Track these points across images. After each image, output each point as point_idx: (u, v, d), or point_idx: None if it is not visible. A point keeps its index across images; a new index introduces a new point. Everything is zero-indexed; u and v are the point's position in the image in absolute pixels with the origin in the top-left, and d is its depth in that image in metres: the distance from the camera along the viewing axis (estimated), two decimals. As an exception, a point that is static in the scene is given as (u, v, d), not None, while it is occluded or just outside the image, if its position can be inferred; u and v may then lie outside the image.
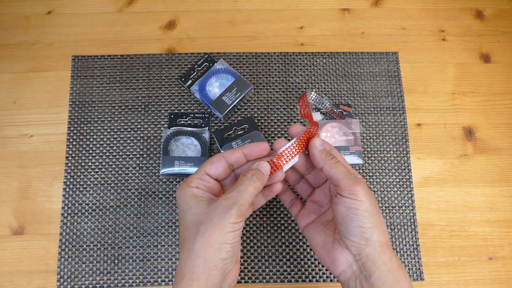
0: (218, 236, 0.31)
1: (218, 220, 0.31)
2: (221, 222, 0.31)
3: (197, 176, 0.35)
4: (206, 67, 0.53)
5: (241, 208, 0.32)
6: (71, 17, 0.56)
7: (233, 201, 0.32)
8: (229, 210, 0.31)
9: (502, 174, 0.51)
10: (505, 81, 0.54)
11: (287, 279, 0.47)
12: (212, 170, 0.35)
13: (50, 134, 0.51)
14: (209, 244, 0.31)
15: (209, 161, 0.35)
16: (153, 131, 0.51)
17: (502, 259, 0.48)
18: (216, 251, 0.31)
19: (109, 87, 0.53)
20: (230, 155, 0.36)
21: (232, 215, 0.31)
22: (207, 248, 0.31)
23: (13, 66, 0.53)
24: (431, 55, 0.55)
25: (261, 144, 0.36)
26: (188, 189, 0.34)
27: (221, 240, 0.31)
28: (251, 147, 0.36)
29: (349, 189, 0.33)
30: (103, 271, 0.46)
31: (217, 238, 0.31)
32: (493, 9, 0.58)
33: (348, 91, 0.53)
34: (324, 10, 0.57)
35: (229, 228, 0.31)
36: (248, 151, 0.36)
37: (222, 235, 0.31)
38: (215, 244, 0.31)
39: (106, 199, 0.49)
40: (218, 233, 0.31)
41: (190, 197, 0.34)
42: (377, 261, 0.32)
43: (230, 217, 0.31)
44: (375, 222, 0.33)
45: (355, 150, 0.48)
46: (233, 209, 0.31)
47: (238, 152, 0.36)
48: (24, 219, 0.48)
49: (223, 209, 0.32)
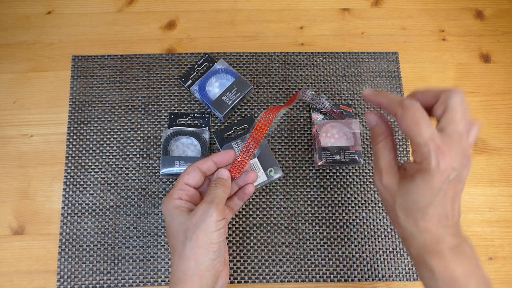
0: (204, 236, 0.34)
1: (201, 221, 0.34)
2: (204, 223, 0.34)
3: (178, 187, 0.38)
4: (206, 67, 0.53)
5: (218, 206, 0.35)
6: (71, 17, 0.56)
7: (209, 202, 0.35)
8: (208, 210, 0.35)
9: (502, 174, 0.51)
10: (505, 81, 0.54)
11: (287, 279, 0.47)
12: (190, 180, 0.38)
13: (50, 134, 0.51)
14: (197, 245, 0.34)
15: (185, 173, 0.39)
16: (153, 131, 0.51)
17: (502, 259, 0.48)
18: (205, 252, 0.34)
19: (109, 87, 0.53)
20: (202, 164, 0.39)
21: (213, 214, 0.34)
22: (196, 250, 0.34)
23: (13, 66, 0.53)
24: (431, 55, 0.55)
25: (228, 152, 0.40)
26: (171, 201, 0.37)
27: (208, 240, 0.34)
28: (219, 155, 0.40)
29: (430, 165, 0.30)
30: (103, 271, 0.46)
31: (204, 238, 0.34)
32: (493, 9, 0.58)
33: (348, 91, 0.53)
34: (324, 10, 0.57)
35: (213, 227, 0.34)
36: (217, 159, 0.40)
37: (208, 235, 0.34)
38: (203, 245, 0.34)
39: (106, 199, 0.49)
40: (204, 233, 0.34)
41: (173, 208, 0.36)
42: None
43: (211, 216, 0.34)
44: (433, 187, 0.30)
45: (355, 150, 0.48)
46: (211, 208, 0.35)
47: (209, 161, 0.39)
48: (24, 219, 0.48)
49: (203, 211, 0.35)
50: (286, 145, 0.51)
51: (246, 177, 0.41)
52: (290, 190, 0.49)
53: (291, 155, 0.51)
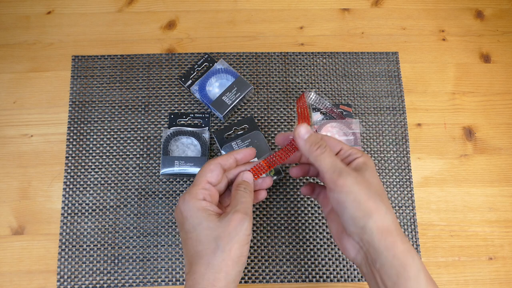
0: (238, 249, 0.33)
1: (235, 233, 0.33)
2: (238, 236, 0.33)
3: (201, 186, 0.35)
4: (206, 67, 0.53)
5: (251, 218, 0.34)
6: (71, 17, 0.56)
7: (244, 214, 0.34)
8: (244, 223, 0.33)
9: (502, 174, 0.51)
10: (505, 81, 0.54)
11: (287, 279, 0.47)
12: (213, 178, 0.36)
13: (50, 134, 0.51)
14: (230, 258, 0.32)
15: (207, 170, 0.36)
16: (153, 131, 0.51)
17: (502, 259, 0.48)
18: (235, 264, 0.33)
19: (109, 87, 0.53)
20: (225, 161, 0.37)
21: (247, 228, 0.33)
22: (228, 262, 0.32)
23: (13, 66, 0.53)
24: (431, 55, 0.55)
25: (249, 149, 0.39)
26: (197, 201, 0.34)
27: (240, 253, 0.33)
28: (241, 152, 0.38)
29: (333, 183, 0.32)
30: (103, 271, 0.46)
31: (237, 251, 0.33)
32: (493, 9, 0.58)
33: (348, 91, 0.53)
34: (324, 10, 0.57)
35: (246, 240, 0.33)
36: (240, 156, 0.38)
37: (241, 248, 0.33)
38: (235, 257, 0.33)
39: (106, 199, 0.49)
40: (237, 246, 0.33)
41: (200, 210, 0.34)
42: (378, 247, 0.31)
43: (246, 230, 0.33)
44: (369, 208, 0.31)
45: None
46: (246, 221, 0.33)
47: (231, 158, 0.38)
48: (24, 219, 0.48)
49: (237, 223, 0.33)
50: (286, 145, 0.51)
51: (263, 182, 0.40)
52: (290, 190, 0.49)
53: (291, 155, 0.51)
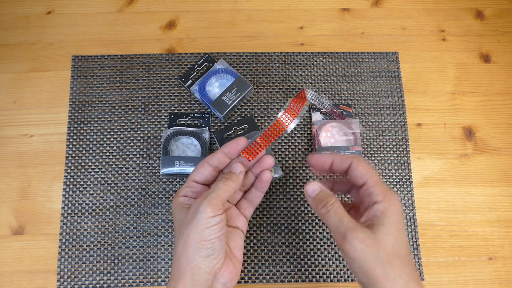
0: (195, 233, 0.33)
1: (192, 218, 0.33)
2: (195, 220, 0.33)
3: (186, 185, 0.38)
4: (206, 67, 0.53)
5: (211, 202, 0.33)
6: (71, 17, 0.56)
7: (203, 198, 0.34)
8: (199, 206, 0.33)
9: (502, 174, 0.51)
10: (505, 81, 0.54)
11: (287, 279, 0.47)
12: (198, 176, 0.38)
13: (50, 134, 0.51)
14: (188, 243, 0.33)
15: (195, 169, 0.38)
16: (153, 131, 0.51)
17: (502, 259, 0.48)
18: (195, 249, 0.33)
19: (109, 87, 0.53)
20: (211, 159, 0.38)
21: (204, 210, 0.33)
22: (187, 247, 0.33)
23: (13, 66, 0.53)
24: (431, 55, 0.55)
25: (237, 140, 0.38)
26: (177, 198, 0.37)
27: (198, 237, 0.33)
28: (228, 145, 0.38)
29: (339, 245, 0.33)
30: (103, 271, 0.46)
31: (194, 236, 0.33)
32: (493, 9, 0.58)
33: (348, 91, 0.53)
34: (324, 10, 0.57)
35: (204, 225, 0.33)
36: (227, 150, 0.38)
37: (198, 232, 0.33)
38: (193, 242, 0.33)
39: (106, 199, 0.49)
40: (194, 230, 0.33)
41: (177, 206, 0.37)
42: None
43: (202, 212, 0.33)
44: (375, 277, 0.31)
45: (355, 150, 0.48)
46: (202, 204, 0.33)
47: (218, 154, 0.38)
48: (24, 219, 0.48)
49: (194, 208, 0.34)
50: (286, 145, 0.51)
51: (262, 162, 0.39)
52: (290, 190, 0.49)
53: (291, 155, 0.51)
